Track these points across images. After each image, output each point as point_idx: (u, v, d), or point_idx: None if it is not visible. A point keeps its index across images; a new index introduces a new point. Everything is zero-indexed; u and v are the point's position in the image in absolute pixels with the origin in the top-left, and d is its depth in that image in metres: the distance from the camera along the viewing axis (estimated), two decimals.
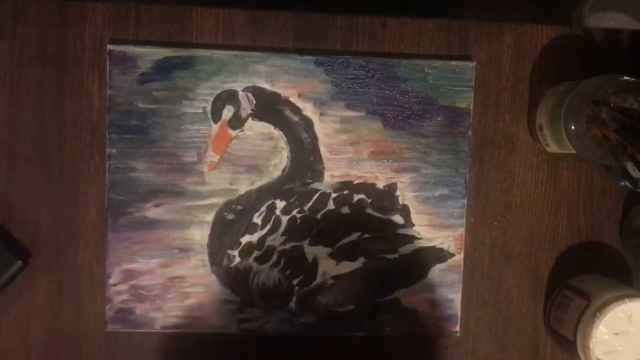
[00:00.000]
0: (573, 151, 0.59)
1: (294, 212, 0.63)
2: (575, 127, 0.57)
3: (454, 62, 0.64)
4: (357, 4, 0.68)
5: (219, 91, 0.62)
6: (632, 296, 0.58)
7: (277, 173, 0.63)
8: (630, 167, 0.59)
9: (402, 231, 0.64)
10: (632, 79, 0.57)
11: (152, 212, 0.62)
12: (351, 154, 0.64)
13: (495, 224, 0.66)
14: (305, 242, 0.64)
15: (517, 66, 0.65)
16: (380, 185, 0.64)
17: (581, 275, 0.65)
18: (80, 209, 0.62)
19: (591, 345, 0.58)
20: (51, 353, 0.62)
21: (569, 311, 0.61)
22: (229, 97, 0.62)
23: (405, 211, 0.64)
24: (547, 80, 0.65)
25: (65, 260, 0.62)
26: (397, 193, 0.64)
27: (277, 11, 0.63)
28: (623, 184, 0.63)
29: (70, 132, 0.62)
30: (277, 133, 0.63)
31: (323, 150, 0.63)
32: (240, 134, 0.63)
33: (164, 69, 0.62)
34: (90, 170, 0.62)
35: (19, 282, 0.61)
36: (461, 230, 0.65)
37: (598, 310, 0.58)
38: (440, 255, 0.65)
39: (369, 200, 0.64)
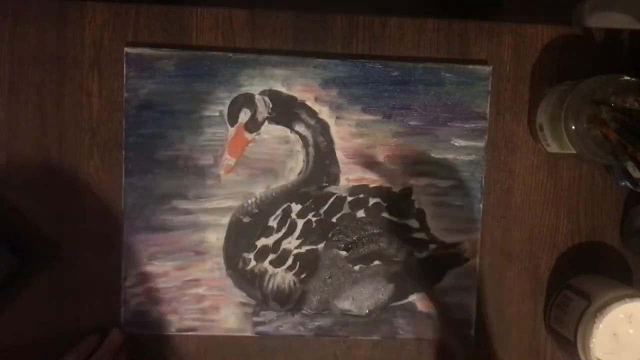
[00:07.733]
0: (573, 151, 0.58)
1: (310, 216, 0.63)
2: (575, 127, 0.57)
3: (470, 67, 0.64)
4: (357, 4, 0.68)
5: (235, 94, 0.62)
6: (632, 296, 0.58)
7: (293, 176, 0.63)
8: (630, 167, 0.59)
9: (417, 235, 0.64)
10: (632, 79, 0.56)
11: (168, 214, 0.62)
12: (367, 158, 0.63)
13: (495, 224, 0.66)
14: (321, 246, 0.63)
15: (517, 66, 0.65)
16: (396, 189, 0.64)
17: (581, 276, 0.65)
18: (80, 208, 0.62)
19: (591, 346, 0.58)
20: (51, 353, 0.62)
21: (569, 311, 0.61)
22: (246, 100, 0.62)
23: (420, 215, 0.64)
24: (547, 80, 0.65)
25: (66, 260, 0.62)
26: (413, 197, 0.64)
27: (277, 11, 0.63)
28: (623, 184, 0.63)
29: (70, 132, 0.62)
30: (293, 136, 0.63)
31: (339, 154, 0.63)
32: (256, 137, 0.63)
33: (181, 72, 0.61)
34: (90, 170, 0.62)
35: (19, 282, 0.61)
36: (477, 235, 0.64)
37: (598, 310, 0.58)
38: (455, 259, 0.64)
39: (385, 204, 0.64)
